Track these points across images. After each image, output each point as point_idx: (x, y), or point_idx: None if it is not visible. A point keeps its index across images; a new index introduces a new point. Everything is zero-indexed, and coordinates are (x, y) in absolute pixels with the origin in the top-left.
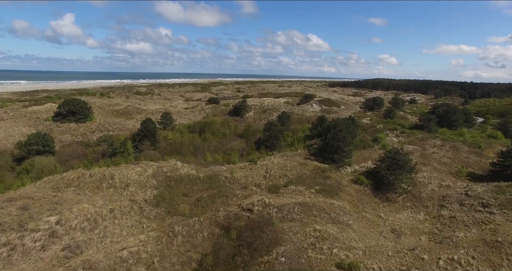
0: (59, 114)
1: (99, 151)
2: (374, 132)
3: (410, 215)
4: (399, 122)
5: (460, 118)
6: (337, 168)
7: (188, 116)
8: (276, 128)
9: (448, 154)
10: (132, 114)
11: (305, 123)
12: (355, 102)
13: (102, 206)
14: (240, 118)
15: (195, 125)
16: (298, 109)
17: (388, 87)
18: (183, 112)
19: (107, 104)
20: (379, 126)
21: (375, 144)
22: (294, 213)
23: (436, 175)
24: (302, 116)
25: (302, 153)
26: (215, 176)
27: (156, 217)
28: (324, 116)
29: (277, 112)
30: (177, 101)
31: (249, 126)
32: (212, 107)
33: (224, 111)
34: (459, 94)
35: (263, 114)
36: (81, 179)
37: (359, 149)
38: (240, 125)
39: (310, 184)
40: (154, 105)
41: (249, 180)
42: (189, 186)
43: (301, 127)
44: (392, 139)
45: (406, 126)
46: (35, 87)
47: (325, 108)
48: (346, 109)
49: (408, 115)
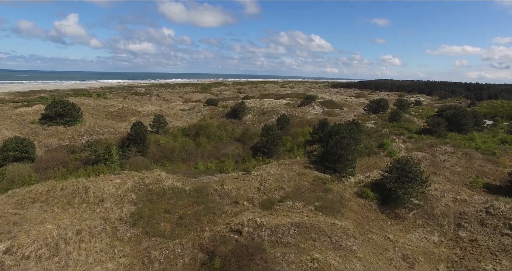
0: (46, 117)
1: (81, 157)
2: (380, 138)
3: (422, 235)
4: (406, 126)
5: (470, 121)
6: (340, 178)
7: (184, 119)
8: (274, 133)
9: (461, 161)
10: (126, 116)
11: (306, 126)
12: (358, 104)
13: (68, 227)
14: (238, 121)
15: (190, 129)
16: (299, 111)
17: (392, 88)
18: (179, 114)
19: (102, 105)
20: (385, 131)
21: (380, 151)
22: (290, 236)
23: (449, 186)
24: (303, 119)
25: (301, 161)
26: (203, 188)
27: (131, 239)
28: (326, 119)
29: (277, 114)
30: (175, 103)
31: (247, 130)
32: (209, 109)
33: (222, 113)
34: (465, 95)
35: (262, 116)
36: (51, 192)
37: (363, 156)
38: (238, 128)
39: (309, 198)
40: (151, 106)
41: (241, 193)
42: (173, 201)
43: (302, 131)
44: (399, 144)
45: (413, 130)
46: (35, 87)
47: (327, 111)
48: (349, 112)
49: (414, 118)
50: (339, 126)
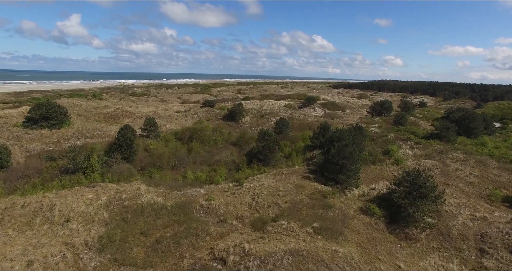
0: (31, 120)
1: (59, 166)
2: (385, 144)
3: (439, 262)
4: (412, 130)
5: (480, 125)
6: (342, 190)
7: (179, 121)
8: (270, 139)
9: (475, 171)
10: (120, 118)
11: (306, 130)
12: (361, 106)
13: (17, 257)
14: (235, 123)
15: (183, 132)
16: (299, 113)
17: (394, 89)
18: (174, 117)
19: (95, 107)
20: (390, 136)
21: (386, 158)
22: (283, 267)
23: (465, 200)
24: (303, 122)
25: (300, 170)
26: (187, 204)
27: (95, 269)
28: (327, 123)
29: (276, 117)
30: (173, 104)
31: (244, 134)
32: (206, 111)
33: (219, 116)
34: (470, 96)
35: (260, 119)
36: (9, 210)
37: (368, 164)
38: (234, 131)
39: (307, 217)
40: (147, 107)
41: (230, 210)
42: (151, 220)
43: (302, 135)
44: (406, 151)
45: (420, 135)
46: (33, 87)
47: (329, 113)
48: (352, 114)
49: (419, 120)
50: (341, 132)
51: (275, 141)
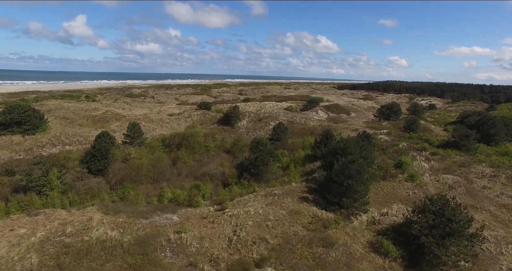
0: (1, 124)
1: (11, 182)
2: (396, 154)
3: None
4: (426, 137)
5: (501, 131)
6: (347, 216)
7: (171, 125)
8: (264, 149)
9: (508, 189)
10: (109, 121)
11: (307, 135)
12: (367, 108)
13: None
14: (231, 128)
15: (172, 138)
16: (301, 117)
17: (400, 90)
18: (166, 120)
19: (84, 109)
20: (402, 145)
21: (398, 172)
22: None
23: (504, 232)
24: (305, 127)
25: (297, 188)
26: (151, 238)
27: None
28: (330, 131)
29: (275, 121)
30: (169, 105)
31: (238, 140)
32: (201, 114)
33: (214, 119)
34: (480, 98)
35: (258, 123)
36: None
37: (377, 180)
38: (229, 137)
39: (301, 260)
40: (140, 110)
41: (205, 247)
42: (98, 264)
43: (302, 142)
44: (422, 164)
45: (435, 143)
46: (31, 88)
47: (333, 116)
48: (357, 117)
49: (430, 125)
50: (346, 143)
51: (269, 152)
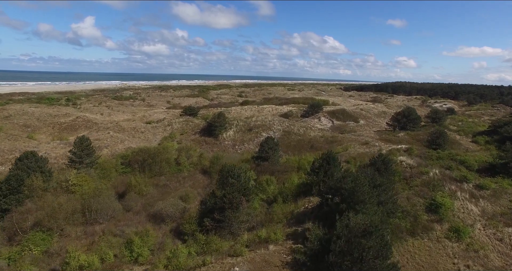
0: None
1: None
2: (426, 188)
3: None
4: (459, 157)
5: None
6: None
7: (146, 136)
8: (236, 183)
9: None
10: (77, 129)
11: (306, 150)
12: (377, 114)
13: None
14: (214, 139)
15: (135, 155)
16: (300, 126)
17: (411, 92)
18: (141, 129)
19: (52, 115)
20: (433, 173)
21: (434, 220)
22: None
23: None
24: (304, 138)
25: (276, 257)
26: None
27: None
28: (331, 154)
29: (268, 131)
30: (156, 110)
31: (218, 158)
32: (183, 122)
33: (197, 128)
34: (501, 100)
35: (247, 134)
36: None
37: (403, 235)
38: (211, 151)
39: None
40: (121, 115)
41: None
42: None
43: (298, 162)
44: (467, 205)
45: (473, 166)
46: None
47: (338, 125)
48: (367, 125)
49: (454, 134)
50: (356, 181)
51: (242, 188)
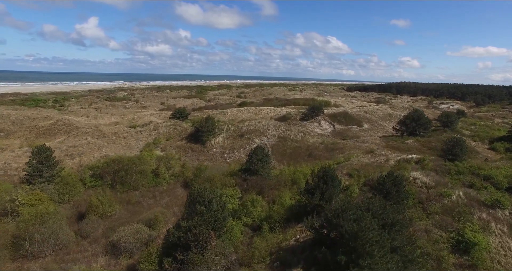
0: None
1: None
2: (450, 217)
3: None
4: (483, 171)
5: None
6: None
7: (127, 142)
8: (206, 212)
9: None
10: (56, 133)
11: (304, 158)
12: (382, 117)
13: None
14: (201, 147)
15: (106, 166)
16: (297, 131)
17: (416, 92)
18: (123, 134)
19: (31, 118)
20: (457, 196)
21: (464, 264)
22: None
23: None
24: (301, 145)
25: None
26: None
27: None
28: (329, 172)
29: (262, 137)
30: (147, 112)
31: (201, 169)
32: (171, 126)
33: (184, 133)
34: (511, 101)
35: (238, 140)
36: None
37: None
38: (197, 160)
39: None
40: (109, 117)
41: None
42: None
43: (292, 175)
44: (507, 243)
45: (502, 182)
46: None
47: (340, 129)
48: (371, 130)
49: (469, 140)
50: (360, 221)
51: (211, 221)
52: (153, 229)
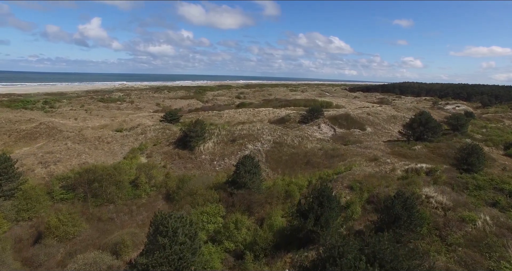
0: None
1: None
2: (476, 251)
3: None
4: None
5: None
6: None
7: (111, 147)
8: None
9: None
10: (37, 138)
11: (299, 168)
12: (387, 119)
13: None
14: (189, 153)
15: (78, 177)
16: (294, 136)
17: (419, 93)
18: (107, 139)
19: (13, 120)
20: (483, 221)
21: None
22: None
23: None
24: (299, 150)
25: None
26: None
27: None
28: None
29: (256, 142)
30: (141, 113)
31: (184, 180)
32: (160, 130)
33: (173, 137)
34: None
35: (230, 146)
36: None
37: None
38: (184, 168)
39: None
40: (99, 120)
41: None
42: None
43: (285, 188)
44: None
45: None
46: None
47: (341, 133)
48: (375, 134)
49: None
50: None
51: (175, 259)
52: (120, 255)
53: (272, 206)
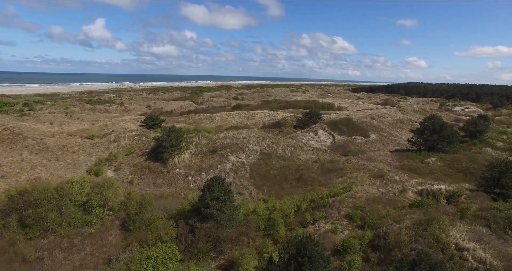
0: None
1: None
2: None
3: None
4: None
5: None
6: None
7: (75, 158)
8: None
9: None
10: None
11: (290, 186)
12: (393, 124)
13: None
14: (162, 166)
15: (10, 203)
16: (286, 145)
17: (425, 93)
18: (72, 149)
19: None
20: None
21: None
22: None
23: None
24: (290, 163)
25: None
26: None
27: None
28: (308, 244)
29: (240, 152)
30: (128, 116)
31: (142, 206)
32: (135, 137)
33: (147, 146)
34: None
35: (210, 157)
36: None
37: None
38: (153, 184)
39: None
40: (78, 124)
41: None
42: None
43: (268, 216)
44: None
45: None
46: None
47: (341, 141)
48: (380, 142)
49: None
50: None
51: None
52: None
53: (249, 240)
